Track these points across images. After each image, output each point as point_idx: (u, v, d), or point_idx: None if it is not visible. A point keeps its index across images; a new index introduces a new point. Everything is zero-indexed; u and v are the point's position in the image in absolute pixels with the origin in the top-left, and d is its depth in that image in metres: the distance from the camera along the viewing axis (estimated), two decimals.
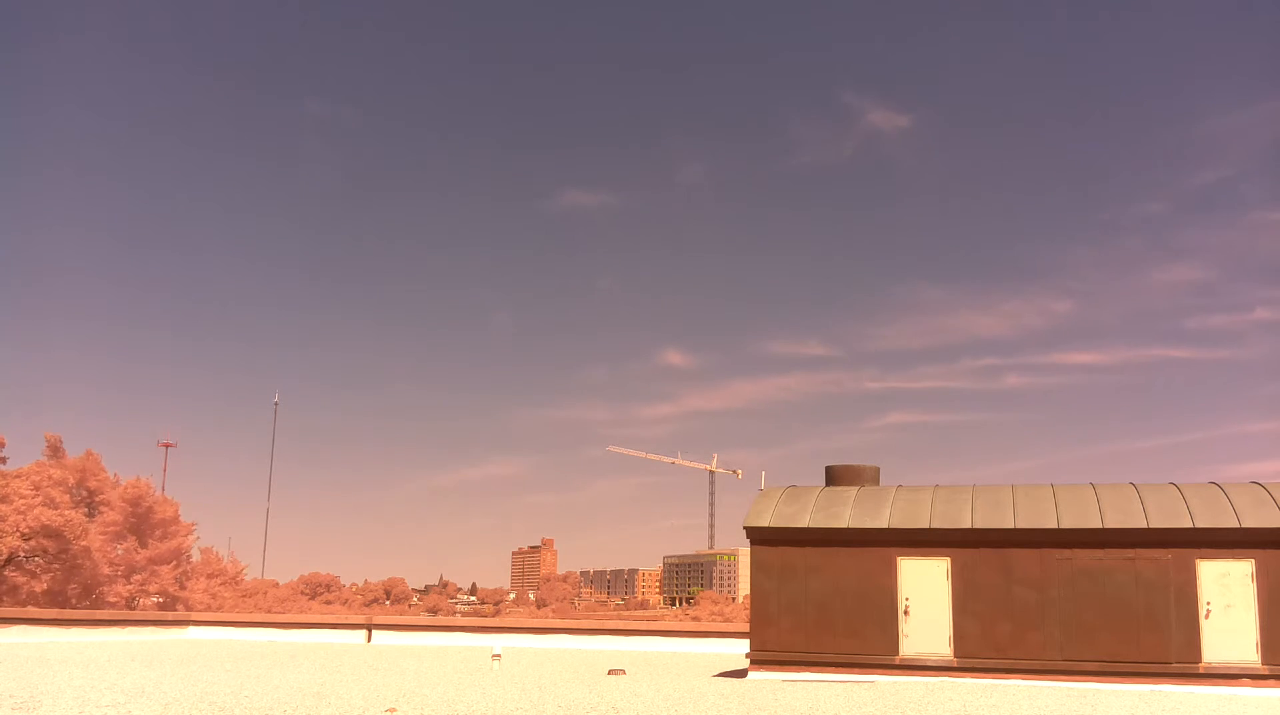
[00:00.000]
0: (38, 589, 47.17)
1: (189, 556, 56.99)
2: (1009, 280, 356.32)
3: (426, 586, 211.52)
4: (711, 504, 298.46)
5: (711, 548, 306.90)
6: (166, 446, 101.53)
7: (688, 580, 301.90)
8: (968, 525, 21.55)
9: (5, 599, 45.91)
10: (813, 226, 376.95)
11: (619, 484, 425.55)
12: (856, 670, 21.38)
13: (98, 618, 39.90)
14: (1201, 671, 20.17)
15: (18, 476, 47.92)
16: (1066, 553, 21.08)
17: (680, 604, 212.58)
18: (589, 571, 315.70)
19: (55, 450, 53.00)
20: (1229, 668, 20.13)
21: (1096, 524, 21.05)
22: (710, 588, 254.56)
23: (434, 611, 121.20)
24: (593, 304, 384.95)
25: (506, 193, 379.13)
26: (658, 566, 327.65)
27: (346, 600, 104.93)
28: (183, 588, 54.12)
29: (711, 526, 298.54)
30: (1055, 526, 21.18)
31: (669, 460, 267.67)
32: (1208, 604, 20.45)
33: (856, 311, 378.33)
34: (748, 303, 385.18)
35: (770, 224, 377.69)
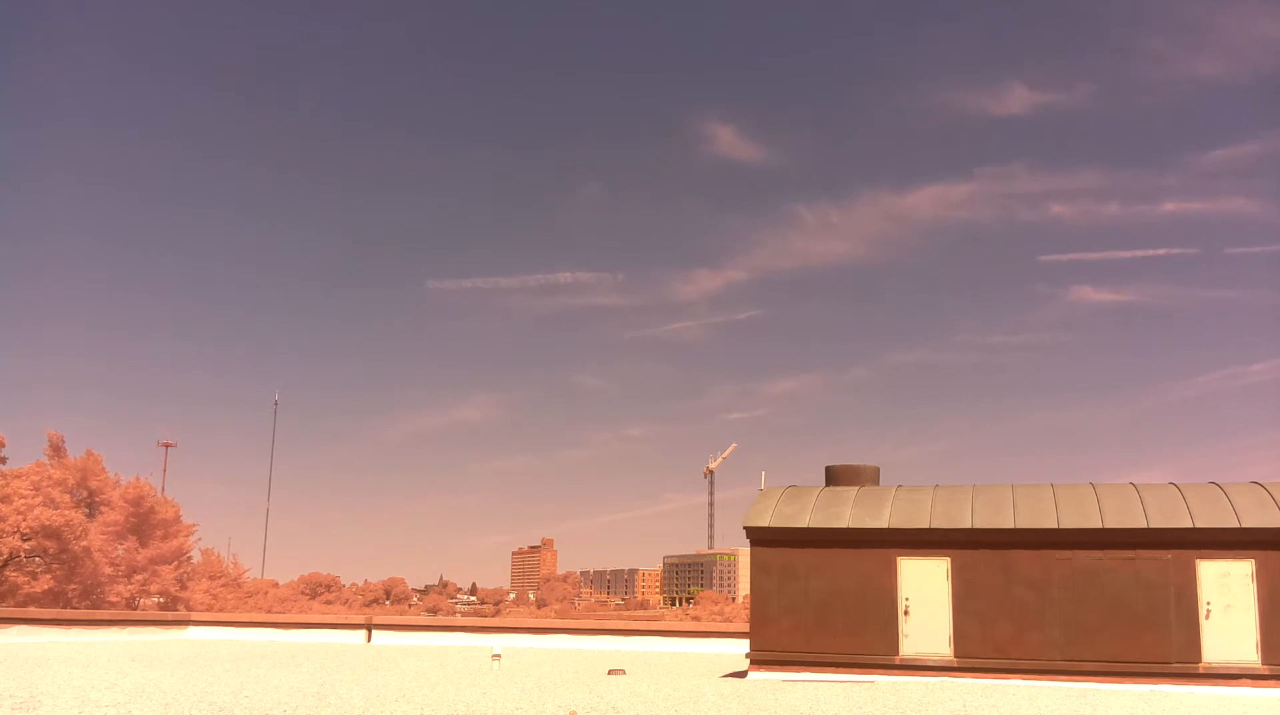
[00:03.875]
0: (38, 589, 47.14)
1: (190, 558, 57.03)
2: None
3: (426, 586, 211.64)
4: (711, 504, 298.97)
5: (711, 548, 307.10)
6: (166, 447, 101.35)
7: (688, 580, 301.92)
8: (968, 525, 21.56)
9: (5, 599, 45.87)
10: None
11: (618, 438, 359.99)
12: (856, 670, 21.39)
13: (98, 618, 39.88)
14: (1201, 671, 20.17)
15: (18, 476, 47.89)
16: (1066, 553, 21.08)
17: (680, 604, 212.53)
18: (589, 571, 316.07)
19: (57, 449, 53.03)
20: (1229, 668, 20.14)
21: (1096, 524, 21.06)
22: (710, 588, 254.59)
23: (434, 611, 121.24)
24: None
25: None
26: (658, 566, 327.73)
27: (346, 600, 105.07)
28: (184, 588, 54.13)
29: (711, 526, 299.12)
30: (1055, 526, 21.18)
31: None
32: (1208, 604, 20.45)
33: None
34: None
35: None
